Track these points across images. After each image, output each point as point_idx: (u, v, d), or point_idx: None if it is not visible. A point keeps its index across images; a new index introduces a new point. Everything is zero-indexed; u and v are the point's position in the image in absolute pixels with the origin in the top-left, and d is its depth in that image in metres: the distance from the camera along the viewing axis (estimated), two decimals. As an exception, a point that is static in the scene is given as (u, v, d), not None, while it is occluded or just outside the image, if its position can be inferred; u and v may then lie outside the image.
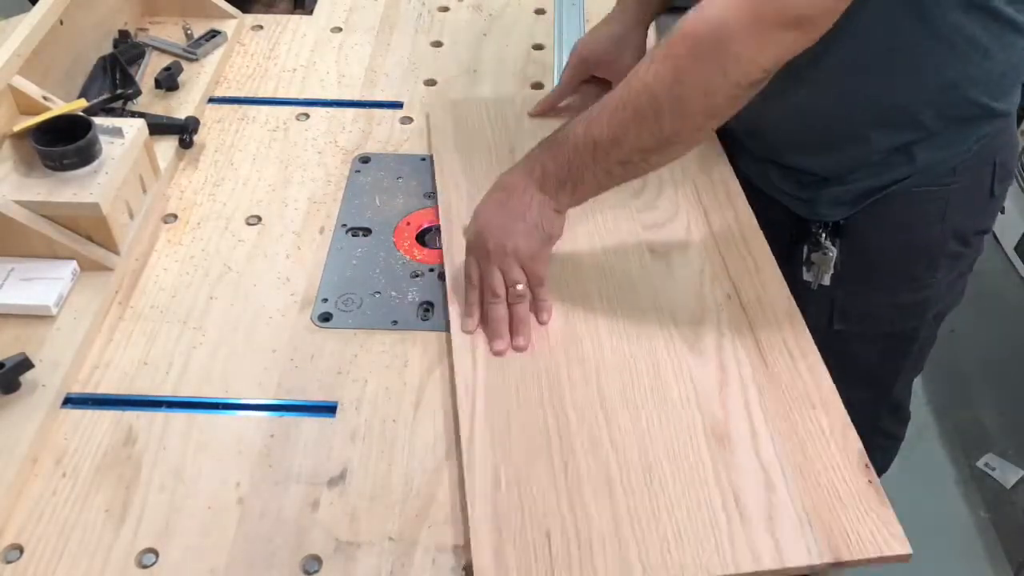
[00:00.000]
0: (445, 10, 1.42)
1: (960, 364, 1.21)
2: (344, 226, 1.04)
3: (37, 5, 1.08)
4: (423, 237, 1.03)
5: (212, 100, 1.22)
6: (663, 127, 0.80)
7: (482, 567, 0.71)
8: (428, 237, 1.03)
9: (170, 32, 1.32)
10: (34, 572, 0.72)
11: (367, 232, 1.03)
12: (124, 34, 1.26)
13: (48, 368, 0.85)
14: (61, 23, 1.11)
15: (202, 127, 1.15)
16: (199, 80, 1.22)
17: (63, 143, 0.93)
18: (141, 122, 1.02)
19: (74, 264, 0.94)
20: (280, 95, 1.24)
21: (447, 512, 0.76)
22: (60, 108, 1.00)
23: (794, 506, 0.75)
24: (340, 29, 1.37)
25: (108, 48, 1.22)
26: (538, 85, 1.27)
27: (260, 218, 1.05)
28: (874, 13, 0.83)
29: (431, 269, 0.98)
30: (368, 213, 1.05)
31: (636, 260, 0.97)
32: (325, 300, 0.95)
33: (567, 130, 0.87)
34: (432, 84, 1.27)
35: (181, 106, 1.18)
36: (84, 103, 1.03)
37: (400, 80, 1.27)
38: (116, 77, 1.16)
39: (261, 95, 1.24)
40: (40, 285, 0.91)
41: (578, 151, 0.85)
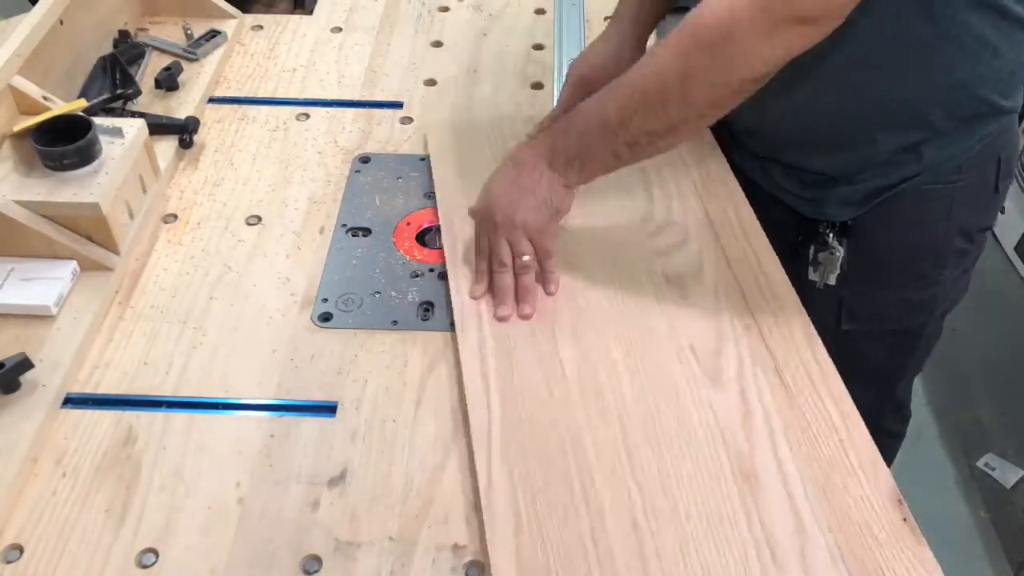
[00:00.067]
0: (445, 10, 1.42)
1: (960, 364, 1.21)
2: (344, 226, 1.04)
3: (37, 5, 1.08)
4: (423, 237, 1.03)
5: (212, 100, 1.22)
6: (670, 114, 0.81)
7: None
8: (428, 237, 1.03)
9: (170, 32, 1.32)
10: (34, 572, 0.72)
11: (367, 232, 1.03)
12: (124, 34, 1.26)
13: (48, 368, 0.85)
14: (61, 23, 1.11)
15: (202, 127, 1.15)
16: (199, 80, 1.22)
17: (63, 143, 0.93)
18: (141, 122, 1.02)
19: (74, 264, 0.94)
20: (280, 95, 1.24)
21: (447, 512, 0.76)
22: (60, 108, 1.00)
23: (826, 543, 0.73)
24: (340, 29, 1.37)
25: (108, 48, 1.22)
26: (538, 85, 1.27)
27: (260, 218, 1.05)
28: (883, 11, 0.83)
29: (431, 269, 0.98)
30: (368, 213, 1.05)
31: (650, 288, 0.95)
32: (325, 300, 0.95)
33: (576, 112, 0.88)
34: (432, 84, 1.27)
35: (181, 106, 1.18)
36: (84, 103, 1.03)
37: (400, 80, 1.27)
38: (116, 77, 1.16)
39: (261, 95, 1.24)
40: (40, 285, 0.91)
41: (588, 131, 0.87)
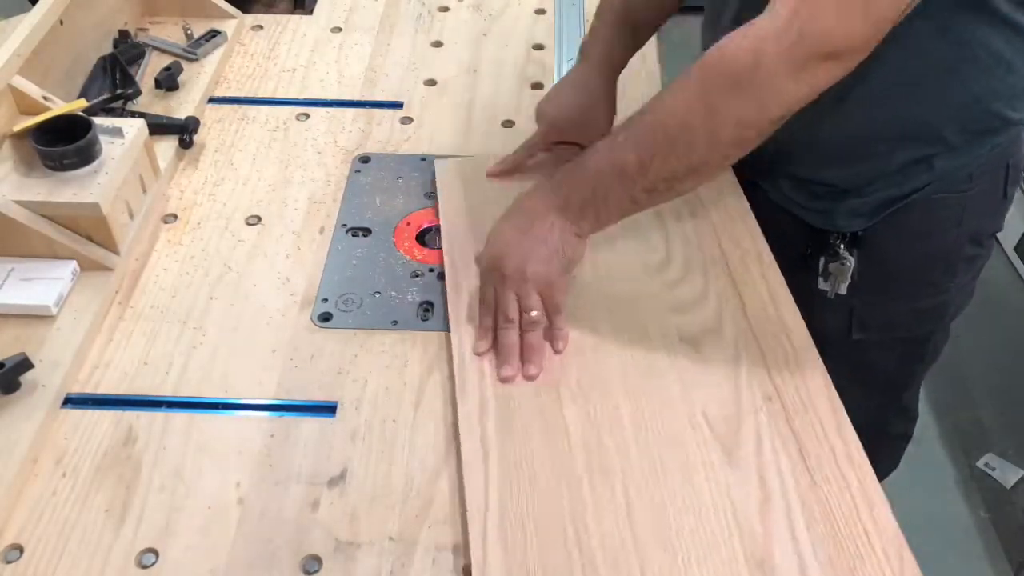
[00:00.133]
0: (445, 10, 1.42)
1: (960, 364, 1.21)
2: (344, 226, 1.04)
3: (37, 5, 1.08)
4: (423, 237, 1.03)
5: (212, 100, 1.22)
6: (692, 157, 0.78)
7: None
8: (428, 237, 1.03)
9: (170, 32, 1.32)
10: (34, 572, 0.72)
11: (367, 232, 1.03)
12: (124, 34, 1.26)
13: (48, 368, 0.85)
14: (61, 23, 1.11)
15: (202, 127, 1.15)
16: (199, 80, 1.22)
17: (63, 143, 0.93)
18: (141, 122, 1.02)
19: (74, 264, 0.94)
20: (280, 95, 1.24)
21: (447, 512, 0.76)
22: (60, 108, 1.00)
23: None
24: (340, 29, 1.37)
25: (108, 48, 1.22)
26: (538, 85, 1.27)
27: (260, 218, 1.05)
28: (902, 38, 0.78)
29: (431, 269, 0.98)
30: (368, 213, 1.05)
31: (662, 346, 0.88)
32: (325, 300, 0.95)
33: (589, 155, 0.84)
34: (432, 84, 1.27)
35: (181, 106, 1.18)
36: (84, 103, 1.03)
37: (400, 80, 1.27)
38: (116, 77, 1.16)
39: (261, 95, 1.24)
40: (40, 285, 0.91)
41: (602, 177, 0.82)
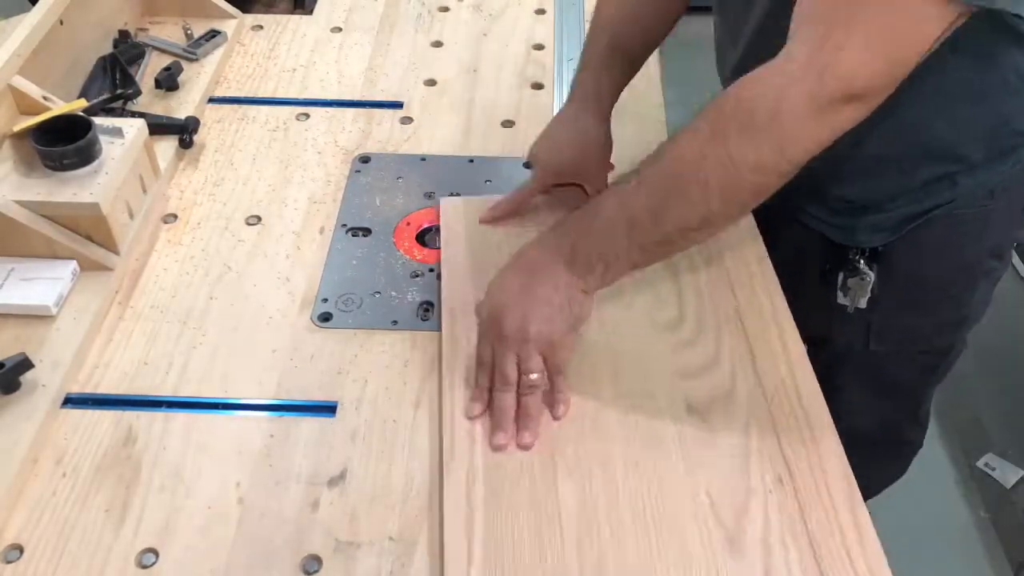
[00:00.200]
0: (445, 10, 1.42)
1: (960, 364, 1.21)
2: (344, 226, 1.04)
3: (37, 5, 1.08)
4: (423, 237, 1.03)
5: (212, 100, 1.22)
6: (709, 207, 0.73)
7: None
8: (428, 237, 1.03)
9: (170, 32, 1.32)
10: (34, 572, 0.72)
11: (367, 232, 1.03)
12: (124, 34, 1.26)
13: (48, 368, 0.85)
14: (61, 23, 1.11)
15: (202, 127, 1.15)
16: (199, 80, 1.22)
17: (63, 143, 0.93)
18: (141, 122, 1.02)
19: (74, 264, 0.94)
20: (280, 95, 1.24)
21: (447, 512, 0.76)
22: (60, 108, 1.00)
23: None
24: (340, 29, 1.37)
25: (108, 48, 1.22)
26: (538, 85, 1.27)
27: (260, 218, 1.05)
28: (932, 62, 0.73)
29: (431, 269, 0.98)
30: (368, 213, 1.05)
31: (668, 415, 0.82)
32: (325, 300, 0.95)
33: (597, 206, 0.80)
34: (432, 84, 1.27)
35: (181, 106, 1.18)
36: (84, 103, 1.03)
37: (400, 80, 1.27)
38: (116, 77, 1.16)
39: (261, 95, 1.24)
40: (40, 285, 0.91)
41: (612, 228, 0.77)
